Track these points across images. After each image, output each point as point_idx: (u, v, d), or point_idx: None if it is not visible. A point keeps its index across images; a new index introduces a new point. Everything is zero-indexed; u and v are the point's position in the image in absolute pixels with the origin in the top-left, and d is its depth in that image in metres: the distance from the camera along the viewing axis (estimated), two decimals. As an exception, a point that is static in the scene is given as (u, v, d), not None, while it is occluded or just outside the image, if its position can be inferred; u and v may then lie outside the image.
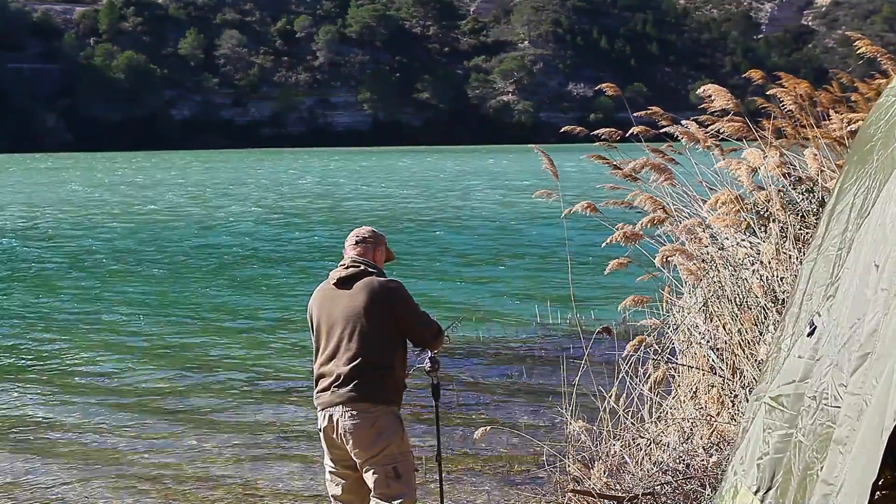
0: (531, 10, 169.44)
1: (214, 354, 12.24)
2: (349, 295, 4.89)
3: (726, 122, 6.88)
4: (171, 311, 15.46)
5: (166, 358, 11.98)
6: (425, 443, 7.94)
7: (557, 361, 6.99)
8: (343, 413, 4.81)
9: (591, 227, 7.56)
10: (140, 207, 37.82)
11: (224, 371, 11.24)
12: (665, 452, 5.82)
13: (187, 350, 12.49)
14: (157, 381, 10.75)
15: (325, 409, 4.87)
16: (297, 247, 24.98)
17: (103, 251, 24.13)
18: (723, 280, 6.40)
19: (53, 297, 17.07)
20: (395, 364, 4.89)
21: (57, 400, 10.02)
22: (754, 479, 3.21)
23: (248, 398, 9.98)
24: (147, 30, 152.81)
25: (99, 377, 11.04)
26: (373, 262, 5.03)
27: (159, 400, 10.00)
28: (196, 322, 14.54)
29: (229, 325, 14.33)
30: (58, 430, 8.91)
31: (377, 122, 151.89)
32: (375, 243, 5.11)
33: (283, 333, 13.43)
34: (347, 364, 4.82)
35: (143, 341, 13.01)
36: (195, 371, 11.26)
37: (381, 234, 5.23)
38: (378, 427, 4.80)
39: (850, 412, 2.74)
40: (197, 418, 9.28)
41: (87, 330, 13.93)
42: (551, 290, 16.18)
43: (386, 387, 4.85)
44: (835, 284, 3.14)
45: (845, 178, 3.45)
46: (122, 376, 11.05)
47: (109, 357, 12.08)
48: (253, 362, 11.69)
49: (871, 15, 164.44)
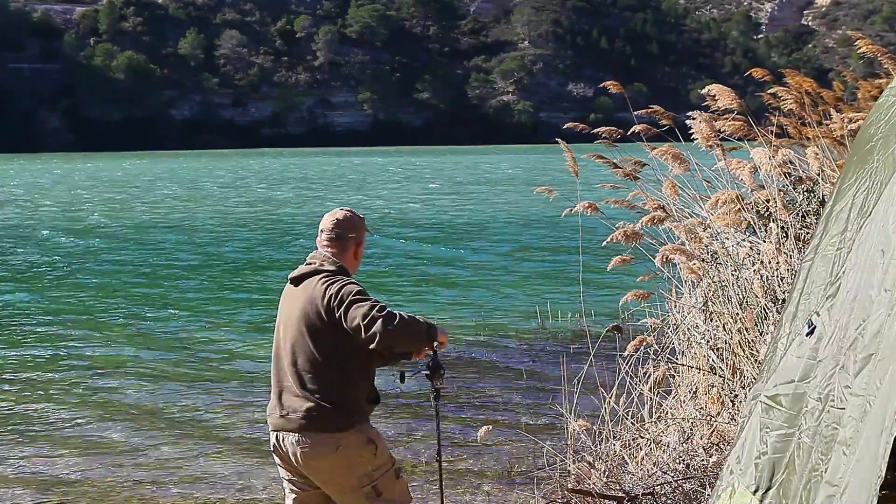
0: (531, 10, 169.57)
1: (215, 351, 12.24)
2: (299, 293, 4.26)
3: (729, 120, 6.87)
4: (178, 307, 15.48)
5: (166, 352, 11.99)
6: (425, 443, 7.94)
7: (558, 361, 6.98)
8: (295, 441, 4.15)
9: (592, 226, 7.56)
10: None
11: (224, 365, 11.24)
12: (665, 452, 5.82)
13: (191, 345, 12.49)
14: (157, 379, 10.75)
15: (275, 431, 4.22)
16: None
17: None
18: (723, 280, 6.40)
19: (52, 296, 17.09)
20: (352, 376, 4.16)
21: (56, 397, 10.02)
22: (752, 479, 3.21)
23: (248, 396, 9.97)
24: (147, 30, 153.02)
25: (98, 377, 11.04)
26: (340, 261, 4.30)
27: (159, 400, 10.00)
28: (205, 318, 14.55)
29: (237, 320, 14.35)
30: (55, 427, 8.91)
31: (377, 122, 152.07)
32: (357, 240, 4.39)
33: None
34: (298, 381, 4.16)
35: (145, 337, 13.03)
36: (195, 368, 11.26)
37: (359, 220, 4.44)
38: (342, 454, 4.12)
39: (854, 413, 2.74)
40: (198, 417, 9.27)
41: (80, 330, 13.94)
42: (552, 289, 16.19)
43: (344, 407, 4.12)
44: (835, 284, 3.14)
45: (844, 179, 3.45)
46: (121, 377, 11.06)
47: (109, 357, 12.09)
48: (255, 356, 11.69)
49: (871, 15, 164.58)
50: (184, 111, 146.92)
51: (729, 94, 6.77)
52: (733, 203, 6.55)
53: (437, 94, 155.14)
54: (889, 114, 3.27)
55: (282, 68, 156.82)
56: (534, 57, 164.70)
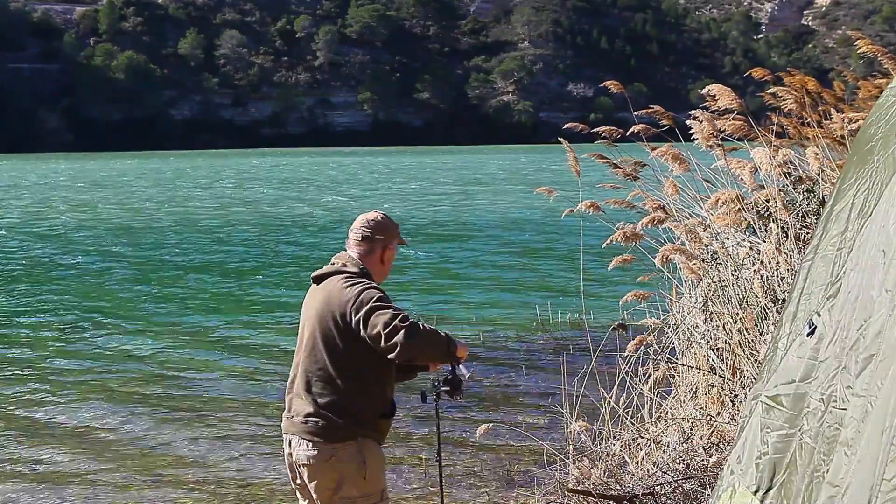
0: (531, 10, 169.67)
1: (224, 340, 12.25)
2: (318, 292, 4.13)
3: (729, 120, 6.87)
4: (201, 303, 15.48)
5: (171, 345, 11.99)
6: (425, 443, 7.94)
7: (558, 361, 6.99)
8: (297, 444, 4.04)
9: (593, 226, 7.56)
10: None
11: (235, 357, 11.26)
12: (665, 452, 5.82)
13: (206, 334, 12.50)
14: (159, 378, 10.75)
15: (285, 434, 4.13)
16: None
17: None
18: (723, 280, 6.40)
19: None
20: (365, 386, 3.99)
21: (54, 397, 10.02)
22: (753, 479, 3.21)
23: (254, 392, 9.97)
24: (147, 30, 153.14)
25: (96, 374, 11.04)
26: (365, 263, 4.16)
27: (158, 399, 10.00)
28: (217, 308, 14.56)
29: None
30: (58, 427, 8.92)
31: (377, 122, 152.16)
32: (385, 243, 4.24)
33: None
34: (305, 384, 4.04)
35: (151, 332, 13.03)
36: (200, 361, 11.27)
37: (391, 224, 4.30)
38: (334, 466, 3.97)
39: (856, 414, 2.74)
40: (199, 416, 9.27)
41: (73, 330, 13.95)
42: (552, 289, 16.19)
43: (348, 418, 3.96)
44: (835, 284, 3.14)
45: (844, 179, 3.44)
46: (119, 373, 11.06)
47: (105, 355, 12.09)
48: (266, 350, 11.69)
49: (871, 15, 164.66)
50: (184, 111, 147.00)
51: (729, 93, 6.77)
52: (733, 203, 6.55)
53: (437, 94, 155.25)
54: (889, 114, 3.26)
55: (282, 68, 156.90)
56: (534, 57, 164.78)
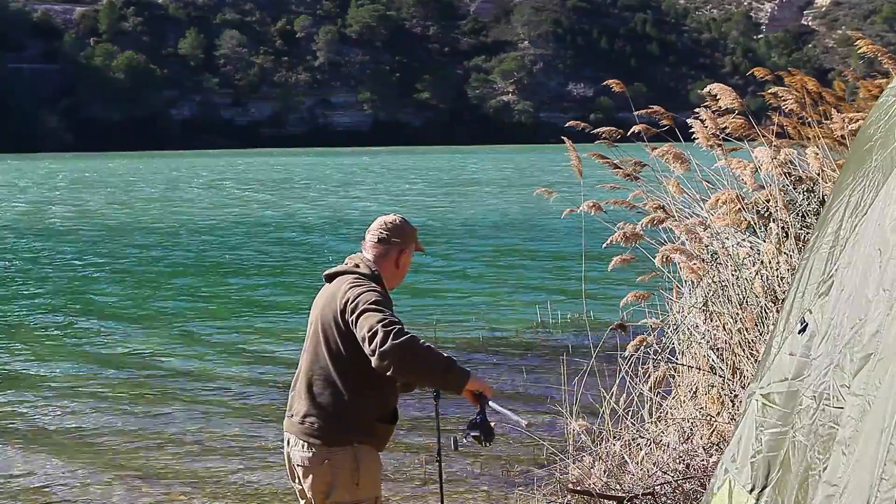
0: (531, 10, 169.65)
1: (224, 344, 12.26)
2: (327, 290, 4.05)
3: (730, 120, 6.87)
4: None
5: (171, 344, 12.00)
6: (425, 442, 7.93)
7: (558, 361, 6.99)
8: (296, 443, 3.96)
9: (593, 227, 7.56)
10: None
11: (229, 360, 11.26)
12: (665, 452, 5.82)
13: (210, 337, 12.50)
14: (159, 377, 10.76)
15: (285, 431, 4.06)
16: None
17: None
18: (723, 280, 6.40)
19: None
20: (361, 389, 3.89)
21: (53, 400, 10.03)
22: (748, 478, 3.21)
23: (251, 388, 9.98)
24: (147, 30, 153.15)
25: (94, 375, 11.05)
26: (378, 266, 4.05)
27: (159, 398, 10.01)
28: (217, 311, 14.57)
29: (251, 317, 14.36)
30: (54, 429, 8.93)
31: (377, 122, 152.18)
32: (401, 247, 4.12)
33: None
34: (306, 384, 3.96)
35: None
36: (200, 361, 11.27)
37: (409, 228, 4.18)
38: (327, 470, 3.88)
39: (854, 413, 2.74)
40: (199, 417, 9.28)
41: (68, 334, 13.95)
42: (552, 289, 16.18)
43: (344, 421, 3.87)
44: (827, 282, 3.14)
45: (843, 179, 3.45)
46: (116, 376, 11.07)
47: (108, 352, 12.10)
48: (264, 352, 11.70)
49: (871, 15, 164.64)
50: (184, 111, 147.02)
51: (730, 93, 6.77)
52: (733, 203, 6.55)
53: (437, 94, 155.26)
54: (889, 114, 3.26)
55: (282, 68, 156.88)
56: (534, 57, 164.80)
